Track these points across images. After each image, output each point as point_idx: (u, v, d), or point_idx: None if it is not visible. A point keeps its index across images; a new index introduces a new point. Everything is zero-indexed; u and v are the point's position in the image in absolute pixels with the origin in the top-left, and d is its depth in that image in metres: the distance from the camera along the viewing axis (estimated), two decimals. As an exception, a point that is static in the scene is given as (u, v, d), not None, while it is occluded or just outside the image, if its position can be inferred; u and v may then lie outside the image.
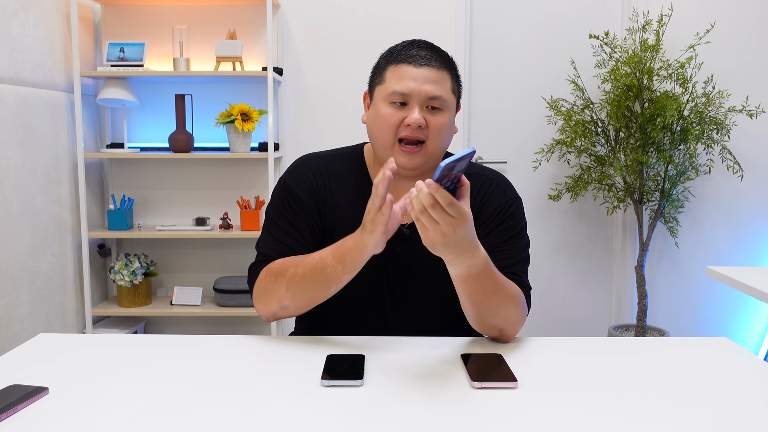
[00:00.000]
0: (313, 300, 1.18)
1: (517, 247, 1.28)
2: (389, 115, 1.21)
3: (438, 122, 1.22)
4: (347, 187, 1.31)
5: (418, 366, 1.07)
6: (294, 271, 1.17)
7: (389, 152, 1.23)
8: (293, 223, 1.27)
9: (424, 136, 1.21)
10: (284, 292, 1.18)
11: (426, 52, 1.22)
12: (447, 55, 1.26)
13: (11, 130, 2.38)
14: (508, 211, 1.29)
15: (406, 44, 1.25)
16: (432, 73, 1.20)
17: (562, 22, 3.14)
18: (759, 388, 0.99)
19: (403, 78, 1.20)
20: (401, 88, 1.20)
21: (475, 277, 1.09)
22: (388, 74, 1.23)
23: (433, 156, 1.24)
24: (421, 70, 1.20)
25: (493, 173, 1.36)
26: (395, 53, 1.24)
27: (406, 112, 1.21)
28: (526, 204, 3.22)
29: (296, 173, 1.31)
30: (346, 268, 1.13)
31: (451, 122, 1.26)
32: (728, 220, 3.15)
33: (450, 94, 1.23)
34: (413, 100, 1.20)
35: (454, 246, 1.01)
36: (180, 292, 2.99)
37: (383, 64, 1.26)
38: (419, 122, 1.19)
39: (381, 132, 1.23)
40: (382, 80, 1.24)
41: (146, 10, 3.05)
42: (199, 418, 0.87)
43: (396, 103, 1.21)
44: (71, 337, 1.20)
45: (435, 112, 1.22)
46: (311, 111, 3.12)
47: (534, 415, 0.88)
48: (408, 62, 1.21)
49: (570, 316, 3.29)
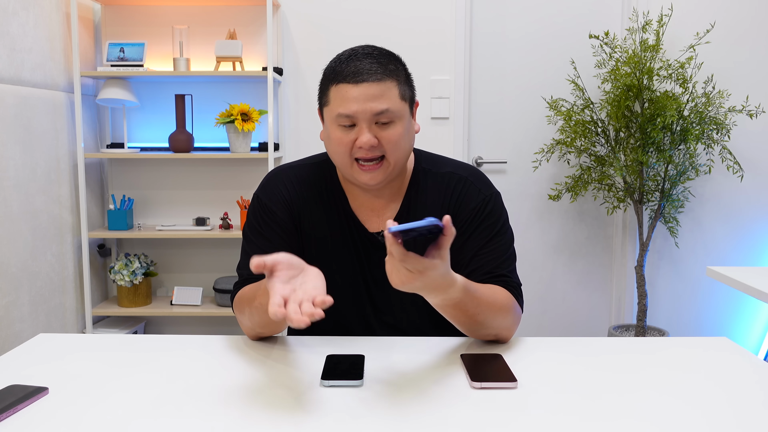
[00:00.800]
0: (279, 327, 1.16)
1: (500, 247, 1.24)
2: (340, 139, 1.17)
3: (391, 135, 1.17)
4: (320, 197, 1.29)
5: (418, 366, 1.07)
6: (250, 304, 1.15)
7: (350, 171, 1.20)
8: (269, 238, 1.25)
9: (380, 152, 1.17)
10: (248, 322, 1.18)
11: (367, 64, 1.15)
12: (391, 61, 1.19)
13: (11, 130, 2.38)
14: (485, 210, 1.26)
15: (345, 57, 1.18)
16: (373, 89, 1.14)
17: (562, 21, 3.14)
18: (759, 388, 0.99)
19: (345, 99, 1.15)
20: (345, 110, 1.15)
21: (454, 306, 1.07)
22: (331, 95, 1.18)
23: (396, 167, 1.21)
24: (360, 87, 1.14)
25: (466, 170, 1.31)
26: (335, 71, 1.17)
27: (356, 132, 1.16)
28: (526, 204, 3.22)
29: (269, 188, 1.29)
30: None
31: (407, 128, 1.20)
32: (728, 220, 3.15)
33: (398, 102, 1.17)
34: (360, 120, 1.15)
35: (421, 289, 0.99)
36: (180, 292, 2.99)
37: (325, 83, 1.20)
38: (371, 143, 1.15)
39: (336, 155, 1.20)
40: (327, 102, 1.19)
41: (146, 10, 3.05)
42: (199, 418, 0.87)
43: (344, 125, 1.17)
44: (71, 337, 1.20)
45: (386, 126, 1.17)
46: (311, 111, 3.12)
47: (534, 415, 0.88)
48: (347, 81, 1.15)
49: (570, 316, 3.29)
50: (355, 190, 1.29)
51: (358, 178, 1.20)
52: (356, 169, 1.19)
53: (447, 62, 3.07)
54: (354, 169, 1.19)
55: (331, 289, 1.19)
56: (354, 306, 1.30)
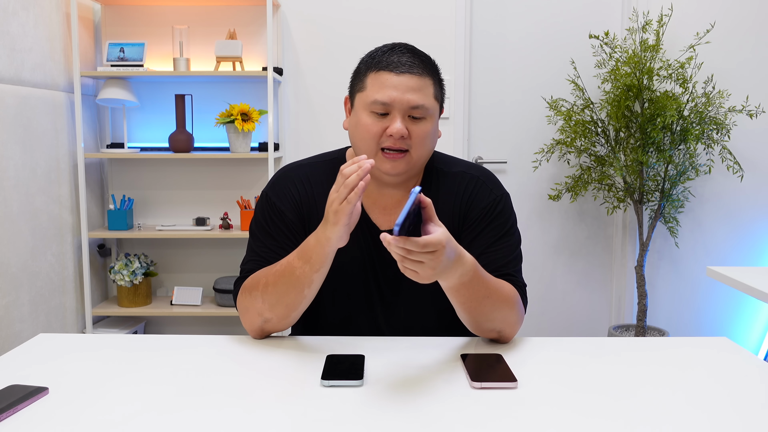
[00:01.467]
0: (291, 307, 1.15)
1: (508, 246, 1.25)
2: (370, 125, 1.18)
3: (421, 131, 1.18)
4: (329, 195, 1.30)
5: (418, 366, 1.07)
6: (266, 281, 1.15)
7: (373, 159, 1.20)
8: (276, 237, 1.25)
9: (406, 145, 1.18)
10: (262, 305, 1.16)
11: (407, 58, 1.18)
12: (429, 60, 1.23)
13: (11, 130, 2.38)
14: (495, 210, 1.27)
15: (387, 49, 1.21)
16: (414, 81, 1.17)
17: (562, 22, 3.14)
18: (759, 388, 0.99)
19: (384, 86, 1.16)
20: (382, 98, 1.16)
21: (467, 284, 1.08)
22: (369, 82, 1.19)
23: (417, 163, 1.22)
24: (402, 78, 1.16)
25: (478, 170, 1.32)
26: (375, 59, 1.20)
27: (387, 121, 1.17)
28: (526, 204, 3.22)
29: (278, 186, 1.29)
30: (313, 267, 1.11)
31: (435, 129, 1.22)
32: (728, 220, 3.15)
33: (433, 101, 1.20)
34: (395, 109, 1.16)
35: (444, 268, 1.00)
36: (180, 292, 2.99)
37: (363, 71, 1.21)
38: (402, 132, 1.16)
39: (363, 141, 1.20)
40: (362, 87, 1.20)
41: (146, 10, 3.05)
42: (199, 418, 0.87)
43: (377, 112, 1.18)
44: (71, 337, 1.20)
45: (417, 121, 1.18)
46: (311, 111, 3.12)
47: (534, 415, 0.88)
48: (389, 69, 1.17)
49: (570, 316, 3.29)
50: (369, 189, 1.28)
51: (380, 166, 1.20)
52: (380, 156, 1.19)
53: (447, 62, 3.07)
54: (378, 157, 1.20)
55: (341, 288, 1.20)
56: (365, 304, 1.30)
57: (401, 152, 1.19)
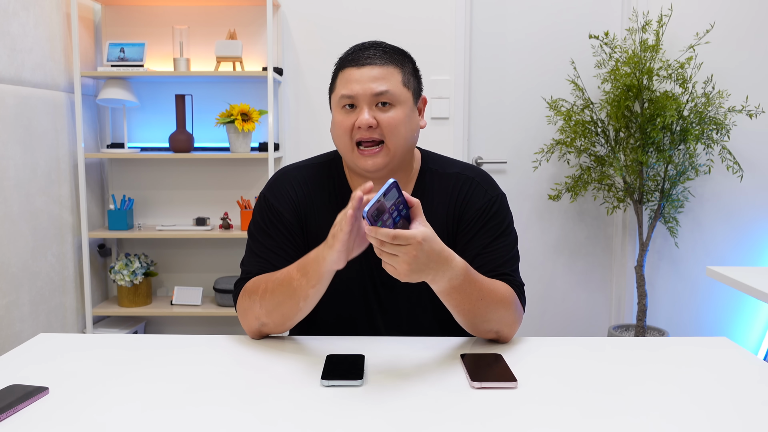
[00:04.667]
0: (287, 317, 1.16)
1: (505, 246, 1.26)
2: (341, 120, 1.21)
3: (390, 118, 1.19)
4: (327, 196, 1.30)
5: (418, 366, 1.07)
6: (264, 287, 1.16)
7: (351, 157, 1.22)
8: (274, 238, 1.26)
9: (379, 135, 1.19)
10: (259, 309, 1.17)
11: (371, 52, 1.22)
12: (396, 51, 1.24)
13: (11, 130, 2.39)
14: (491, 210, 1.27)
15: (354, 48, 1.25)
16: (375, 71, 1.19)
17: (562, 22, 3.14)
18: (759, 388, 0.99)
19: (348, 81, 1.20)
20: (347, 91, 1.20)
21: (458, 288, 1.08)
22: (338, 81, 1.24)
23: (396, 154, 1.22)
24: (363, 69, 1.20)
25: (473, 171, 1.33)
26: (342, 59, 1.25)
27: (356, 114, 1.20)
28: (526, 204, 3.22)
29: (275, 188, 1.30)
30: (310, 281, 1.10)
31: (408, 116, 1.22)
32: (728, 220, 3.15)
33: (400, 87, 1.21)
34: (360, 101, 1.19)
35: (425, 267, 1.00)
36: (180, 292, 2.99)
37: (335, 73, 1.26)
38: (369, 122, 1.18)
39: (338, 138, 1.23)
40: (333, 87, 1.25)
41: (146, 10, 3.05)
42: (199, 418, 0.87)
43: (346, 106, 1.21)
44: (71, 337, 1.20)
45: (386, 108, 1.20)
46: (311, 111, 3.12)
47: (533, 415, 0.88)
48: (352, 65, 1.21)
49: (570, 316, 3.29)
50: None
51: (359, 163, 1.21)
52: (357, 154, 1.21)
53: (447, 62, 3.07)
54: (355, 155, 1.21)
55: (339, 289, 1.20)
56: (362, 306, 1.30)
57: (376, 144, 1.20)
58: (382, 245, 0.97)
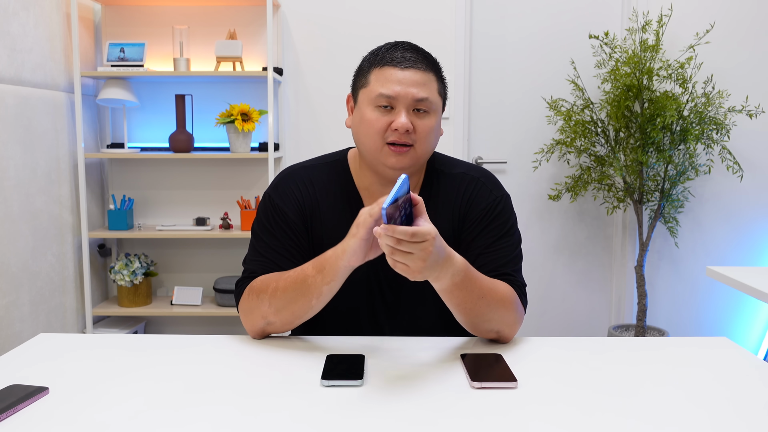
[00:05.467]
0: (297, 315, 1.16)
1: (508, 246, 1.26)
2: (375, 120, 1.19)
3: (425, 125, 1.19)
4: (333, 197, 1.29)
5: (418, 366, 1.07)
6: (276, 285, 1.16)
7: (377, 155, 1.21)
8: (279, 238, 1.25)
9: (411, 140, 1.19)
10: (267, 308, 1.16)
11: (411, 54, 1.20)
12: (432, 57, 1.24)
13: (11, 130, 2.39)
14: (495, 210, 1.27)
15: (390, 46, 1.22)
16: (418, 76, 1.18)
17: (562, 22, 3.14)
18: (759, 388, 0.99)
19: (389, 81, 1.18)
20: (387, 91, 1.17)
21: (460, 285, 1.08)
22: (373, 77, 1.20)
23: (421, 159, 1.23)
24: (406, 72, 1.18)
25: (478, 171, 1.33)
26: (379, 55, 1.21)
27: (392, 116, 1.18)
28: (526, 204, 3.22)
29: (280, 188, 1.29)
30: (325, 278, 1.10)
31: (438, 124, 1.23)
32: (728, 220, 3.15)
33: (436, 96, 1.21)
34: (399, 103, 1.18)
35: (435, 263, 1.00)
36: (180, 292, 2.99)
37: (367, 67, 1.23)
38: (407, 126, 1.17)
39: (368, 137, 1.21)
40: (366, 83, 1.22)
41: (146, 10, 3.05)
42: (199, 418, 0.87)
43: (382, 106, 1.19)
44: (71, 337, 1.20)
45: (422, 115, 1.19)
46: (311, 111, 3.12)
47: (533, 415, 0.88)
48: (393, 65, 1.19)
49: (570, 316, 3.29)
50: (372, 189, 1.29)
51: (386, 160, 1.21)
52: (386, 151, 1.20)
53: (447, 62, 3.07)
54: (384, 152, 1.20)
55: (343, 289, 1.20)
56: (366, 306, 1.30)
57: (406, 146, 1.20)
58: (398, 244, 0.96)
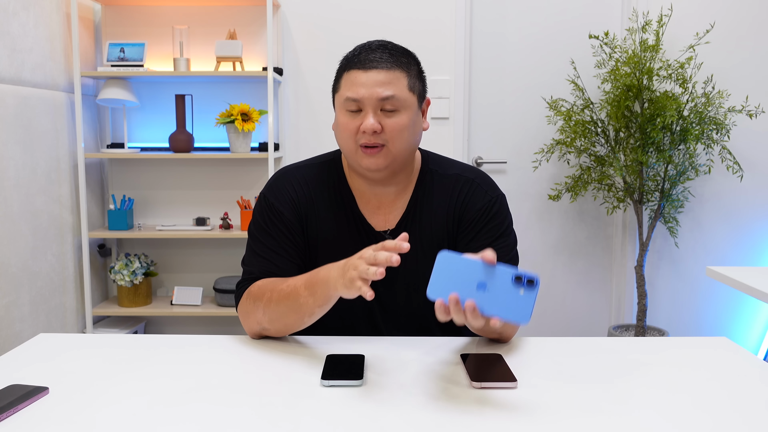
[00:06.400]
0: (290, 327, 1.17)
1: (505, 246, 1.26)
2: (346, 123, 1.21)
3: (395, 123, 1.19)
4: (327, 196, 1.30)
5: (418, 366, 1.07)
6: (270, 296, 1.16)
7: (354, 157, 1.22)
8: (276, 238, 1.26)
9: (382, 140, 1.19)
10: (262, 316, 1.17)
11: (377, 54, 1.20)
12: (403, 54, 1.23)
13: (11, 130, 2.39)
14: (491, 211, 1.28)
15: (359, 49, 1.23)
16: (382, 75, 1.18)
17: (562, 22, 3.14)
18: (759, 388, 0.99)
19: (354, 84, 1.19)
20: (352, 95, 1.19)
21: None
22: (342, 81, 1.22)
23: (397, 156, 1.22)
24: (370, 73, 1.19)
25: (473, 172, 1.33)
26: (348, 59, 1.23)
27: (361, 118, 1.19)
28: (526, 204, 3.22)
29: (276, 187, 1.30)
30: (317, 301, 1.10)
31: (413, 120, 1.22)
32: (728, 220, 3.15)
33: (406, 92, 1.20)
34: (366, 105, 1.19)
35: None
36: (180, 292, 2.99)
37: (339, 72, 1.25)
38: (373, 128, 1.17)
39: (342, 140, 1.23)
40: (338, 88, 1.24)
41: (146, 10, 3.05)
42: (199, 418, 0.87)
43: (351, 110, 1.20)
44: (71, 337, 1.20)
45: (391, 114, 1.19)
46: (311, 111, 3.12)
47: (534, 415, 0.88)
48: (357, 67, 1.20)
49: (570, 316, 3.29)
50: (363, 189, 1.29)
51: (361, 162, 1.22)
52: (360, 153, 1.21)
53: (447, 62, 3.07)
54: (358, 154, 1.21)
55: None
56: (362, 306, 1.30)
57: (376, 147, 1.20)
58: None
